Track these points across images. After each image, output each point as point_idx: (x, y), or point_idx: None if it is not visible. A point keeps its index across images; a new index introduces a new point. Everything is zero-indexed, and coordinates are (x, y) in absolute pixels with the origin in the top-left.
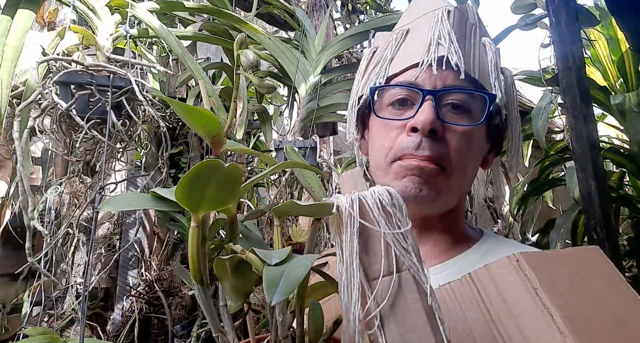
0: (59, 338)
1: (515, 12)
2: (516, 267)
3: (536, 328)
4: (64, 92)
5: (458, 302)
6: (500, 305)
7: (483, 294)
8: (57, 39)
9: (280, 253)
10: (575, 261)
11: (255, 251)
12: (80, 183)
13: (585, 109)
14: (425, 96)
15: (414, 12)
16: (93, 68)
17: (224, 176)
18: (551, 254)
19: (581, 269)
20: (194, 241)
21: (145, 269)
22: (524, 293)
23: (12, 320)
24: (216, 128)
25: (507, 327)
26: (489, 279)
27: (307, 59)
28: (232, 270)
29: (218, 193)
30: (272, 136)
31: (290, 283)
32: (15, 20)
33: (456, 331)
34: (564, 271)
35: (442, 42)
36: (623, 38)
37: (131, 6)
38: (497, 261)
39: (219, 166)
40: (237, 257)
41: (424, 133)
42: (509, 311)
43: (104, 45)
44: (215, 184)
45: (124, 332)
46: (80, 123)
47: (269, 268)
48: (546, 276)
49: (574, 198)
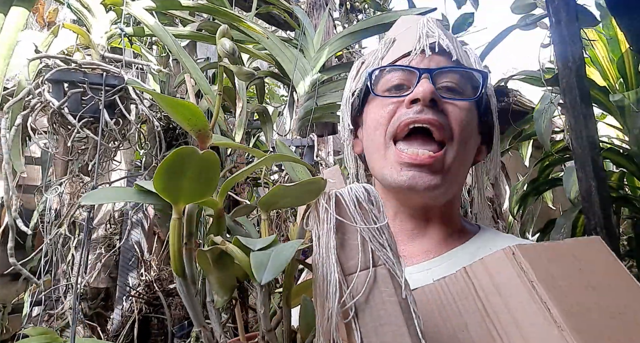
0: (59, 338)
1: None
2: (512, 260)
3: (533, 322)
4: (57, 91)
5: (453, 297)
6: (496, 299)
7: (478, 288)
8: (51, 37)
9: (265, 240)
10: (574, 252)
11: (239, 239)
12: (80, 183)
13: (585, 109)
14: (421, 74)
15: (398, 28)
16: (86, 66)
17: (199, 163)
18: (549, 245)
19: (581, 261)
20: (175, 233)
21: (145, 269)
22: (520, 286)
23: (12, 320)
24: (201, 122)
25: (502, 322)
26: (484, 273)
27: (305, 58)
28: (214, 262)
29: (196, 182)
30: (272, 136)
31: (278, 262)
32: (9, 18)
33: (451, 326)
34: (562, 263)
35: (430, 34)
36: (623, 38)
37: (126, 4)
38: (492, 254)
39: (193, 152)
40: (217, 249)
41: (425, 103)
42: (505, 305)
43: (99, 43)
44: (191, 173)
45: (124, 332)
46: (72, 122)
47: (256, 253)
48: (544, 269)
49: (570, 199)
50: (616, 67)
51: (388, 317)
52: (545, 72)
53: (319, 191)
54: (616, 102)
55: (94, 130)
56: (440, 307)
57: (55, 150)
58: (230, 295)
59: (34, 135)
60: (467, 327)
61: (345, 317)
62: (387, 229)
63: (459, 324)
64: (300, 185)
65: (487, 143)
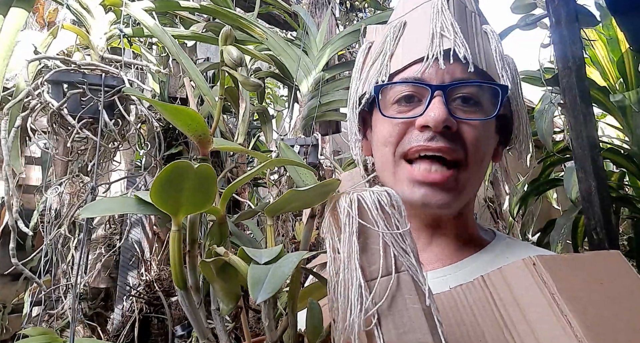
0: (58, 339)
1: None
2: (532, 271)
3: (552, 335)
4: (56, 91)
5: (470, 305)
6: (515, 309)
7: (496, 298)
8: (50, 38)
9: (271, 251)
10: (595, 265)
11: (245, 250)
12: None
13: (585, 109)
14: (434, 92)
15: (408, 2)
16: (85, 67)
17: (195, 177)
18: (569, 257)
19: (601, 274)
20: (175, 246)
21: (145, 269)
22: (540, 298)
23: (12, 320)
24: (201, 127)
25: (520, 333)
26: (503, 282)
27: (308, 57)
28: (217, 273)
29: (194, 194)
30: (272, 137)
31: (275, 280)
32: (8, 19)
33: (468, 335)
34: (582, 276)
35: (446, 34)
36: (623, 38)
37: (125, 5)
38: (511, 264)
39: (188, 167)
40: (220, 260)
41: (437, 130)
42: (524, 316)
43: (98, 44)
44: (189, 186)
45: (124, 332)
46: (72, 122)
47: (254, 267)
48: (564, 281)
49: (571, 199)
50: (616, 67)
51: (412, 324)
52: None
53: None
54: (617, 103)
55: (94, 131)
56: (457, 315)
57: (55, 151)
58: (236, 303)
59: (33, 136)
60: (485, 336)
61: (368, 325)
62: (409, 235)
63: (476, 333)
64: (314, 189)
65: (504, 140)
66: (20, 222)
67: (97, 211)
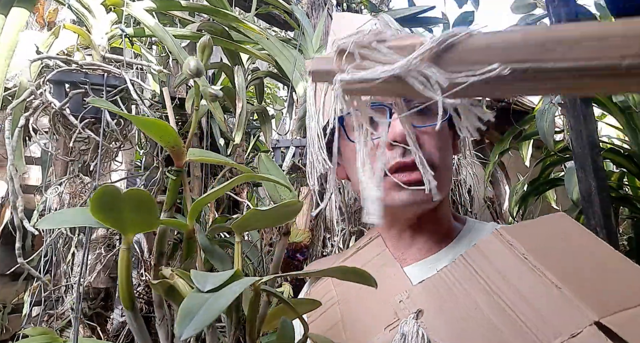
0: (58, 339)
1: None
2: (501, 239)
3: (533, 288)
4: (58, 91)
5: (459, 281)
6: (496, 275)
7: (478, 270)
8: (52, 38)
9: (221, 276)
10: (549, 226)
11: (192, 275)
12: (80, 183)
13: (585, 109)
14: (392, 111)
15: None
16: (87, 67)
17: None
18: (527, 223)
19: (556, 232)
20: (123, 264)
21: (145, 269)
22: (514, 260)
23: (12, 320)
24: (173, 139)
25: (507, 293)
26: (480, 256)
27: (305, 58)
28: (166, 295)
29: (136, 214)
30: (271, 136)
31: (208, 314)
32: (9, 19)
33: (465, 307)
34: (542, 236)
35: None
36: None
37: (127, 5)
38: (483, 239)
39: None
40: (166, 283)
41: (405, 142)
42: (504, 278)
43: (99, 44)
44: (127, 207)
45: (124, 332)
46: (74, 122)
47: (192, 296)
48: (528, 242)
49: (572, 199)
50: None
51: None
52: None
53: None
54: (621, 103)
55: (96, 131)
56: (448, 291)
57: (55, 151)
58: None
59: (35, 135)
60: (478, 304)
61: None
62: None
63: (470, 304)
64: (275, 209)
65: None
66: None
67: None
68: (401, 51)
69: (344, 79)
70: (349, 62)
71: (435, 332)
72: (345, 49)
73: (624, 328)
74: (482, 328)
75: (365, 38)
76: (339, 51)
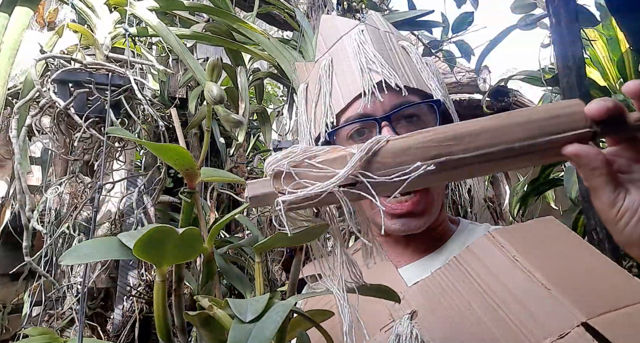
0: (59, 339)
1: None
2: (493, 242)
3: (523, 289)
4: (62, 91)
5: (452, 283)
6: (488, 276)
7: (471, 271)
8: (55, 37)
9: (257, 304)
10: (538, 230)
11: (230, 303)
12: (80, 183)
13: None
14: (380, 123)
15: (327, 38)
16: (92, 66)
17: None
18: (517, 227)
19: (545, 235)
20: (159, 297)
21: (145, 269)
22: (505, 261)
23: (12, 320)
24: (187, 162)
25: (499, 294)
26: (472, 257)
27: (305, 58)
28: (201, 325)
29: (178, 250)
30: (271, 137)
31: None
32: (13, 18)
33: (458, 307)
34: (531, 239)
35: (373, 67)
36: (623, 38)
37: (130, 4)
38: (475, 241)
39: (171, 232)
40: (204, 314)
41: None
42: (497, 279)
43: (103, 43)
44: (172, 244)
45: (124, 332)
46: (78, 122)
47: (236, 328)
48: (519, 245)
49: (571, 198)
50: (616, 67)
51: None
52: (545, 72)
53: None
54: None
55: (99, 130)
56: (442, 292)
57: (57, 150)
58: None
59: (38, 135)
60: (471, 304)
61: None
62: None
63: (463, 304)
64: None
65: None
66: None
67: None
68: (333, 163)
69: (285, 200)
70: (286, 183)
71: (429, 332)
72: (281, 172)
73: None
74: (474, 328)
75: (297, 157)
76: (275, 174)
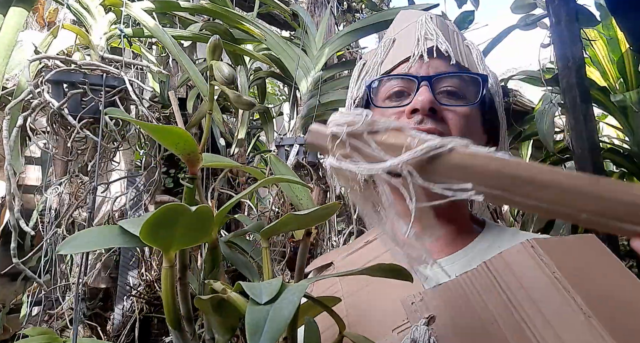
0: (58, 339)
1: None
2: (532, 253)
3: (558, 311)
4: (57, 91)
5: (477, 291)
6: (519, 291)
7: (501, 281)
8: (50, 38)
9: (270, 287)
10: (580, 247)
11: (244, 286)
12: (80, 183)
13: (585, 109)
14: (420, 82)
15: (397, 25)
16: (86, 67)
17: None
18: (559, 240)
19: (587, 253)
20: (167, 284)
21: (145, 269)
22: (542, 278)
23: (12, 320)
24: (190, 146)
25: (529, 312)
26: (505, 266)
27: (308, 56)
28: (214, 309)
29: (188, 232)
30: (273, 136)
31: (276, 325)
32: (8, 18)
33: (480, 319)
34: (573, 255)
35: (429, 36)
36: (623, 38)
37: (126, 5)
38: (511, 249)
39: (183, 210)
40: (218, 297)
41: (424, 112)
42: (529, 296)
43: (98, 44)
44: (184, 223)
45: (124, 332)
46: (72, 122)
47: (253, 309)
48: (561, 261)
49: None
50: (616, 67)
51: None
52: (545, 72)
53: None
54: (618, 103)
55: (94, 131)
56: (466, 302)
57: (54, 150)
58: (232, 335)
59: (33, 135)
60: (496, 319)
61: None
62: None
63: (487, 317)
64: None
65: (493, 141)
66: (22, 222)
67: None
68: (388, 149)
69: (332, 165)
70: (340, 148)
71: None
72: (338, 137)
73: None
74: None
75: (359, 128)
76: (332, 136)
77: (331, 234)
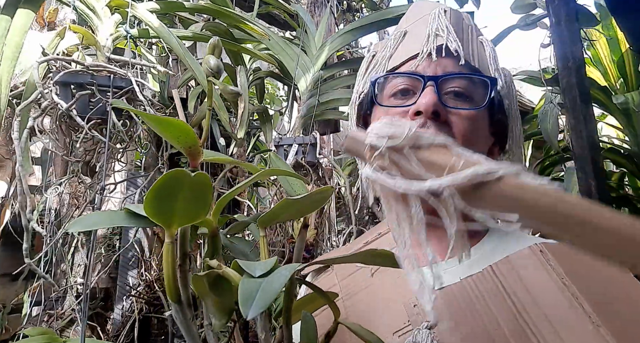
0: (58, 339)
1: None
2: (540, 258)
3: (565, 318)
4: (64, 93)
5: (482, 295)
6: (525, 295)
7: (506, 285)
8: (57, 39)
9: (265, 264)
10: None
11: (239, 262)
12: (80, 183)
13: (585, 109)
14: (426, 82)
15: (410, 17)
16: (93, 68)
17: (191, 186)
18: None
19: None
20: (169, 259)
21: (145, 269)
22: (549, 283)
23: (12, 320)
24: (191, 139)
25: (534, 318)
26: (511, 270)
27: (307, 55)
28: (210, 287)
29: (189, 204)
30: (272, 136)
31: (267, 295)
32: (15, 20)
33: (483, 324)
34: (581, 263)
35: (440, 33)
36: (623, 38)
37: (131, 6)
38: (518, 253)
39: (185, 175)
40: (213, 273)
41: (428, 115)
42: (534, 301)
43: (104, 45)
44: (184, 195)
45: (124, 332)
46: (80, 123)
47: (246, 281)
48: (570, 266)
49: None
50: (616, 68)
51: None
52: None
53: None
54: (620, 105)
55: (101, 131)
56: (470, 306)
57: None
58: (229, 318)
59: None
60: (500, 324)
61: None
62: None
63: (491, 322)
64: (308, 197)
65: (500, 142)
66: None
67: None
68: (430, 167)
69: (368, 176)
70: (378, 159)
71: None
72: (377, 149)
73: None
74: None
75: (401, 142)
76: (371, 147)
77: (331, 234)
